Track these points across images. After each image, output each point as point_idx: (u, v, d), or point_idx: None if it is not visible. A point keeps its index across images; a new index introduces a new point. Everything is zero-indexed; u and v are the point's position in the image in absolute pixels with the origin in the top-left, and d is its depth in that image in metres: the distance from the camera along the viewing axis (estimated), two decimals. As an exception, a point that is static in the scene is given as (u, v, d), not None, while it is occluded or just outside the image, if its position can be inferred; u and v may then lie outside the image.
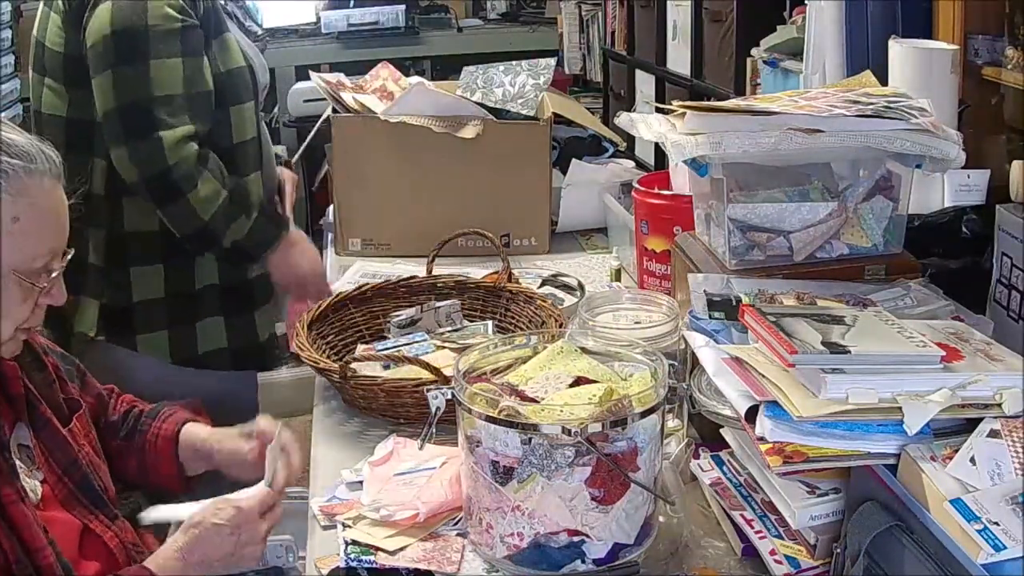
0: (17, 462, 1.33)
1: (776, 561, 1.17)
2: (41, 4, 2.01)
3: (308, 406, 1.74)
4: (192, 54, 1.90)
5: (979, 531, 0.95)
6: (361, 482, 1.42)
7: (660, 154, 2.89)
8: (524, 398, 1.22)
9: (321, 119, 2.43)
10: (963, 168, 1.46)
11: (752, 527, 1.22)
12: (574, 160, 2.47)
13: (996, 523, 0.96)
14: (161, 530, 1.74)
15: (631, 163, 2.73)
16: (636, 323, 1.57)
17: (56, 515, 1.37)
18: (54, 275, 1.33)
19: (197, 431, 1.62)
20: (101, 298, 1.99)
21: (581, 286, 2.06)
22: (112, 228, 1.98)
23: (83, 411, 1.51)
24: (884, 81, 1.63)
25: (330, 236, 2.50)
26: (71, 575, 1.32)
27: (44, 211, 1.30)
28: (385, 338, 1.85)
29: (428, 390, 1.30)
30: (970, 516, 0.97)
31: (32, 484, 1.36)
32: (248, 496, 1.43)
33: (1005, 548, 0.94)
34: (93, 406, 1.59)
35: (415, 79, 2.63)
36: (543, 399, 1.21)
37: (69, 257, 1.36)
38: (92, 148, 1.94)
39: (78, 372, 1.58)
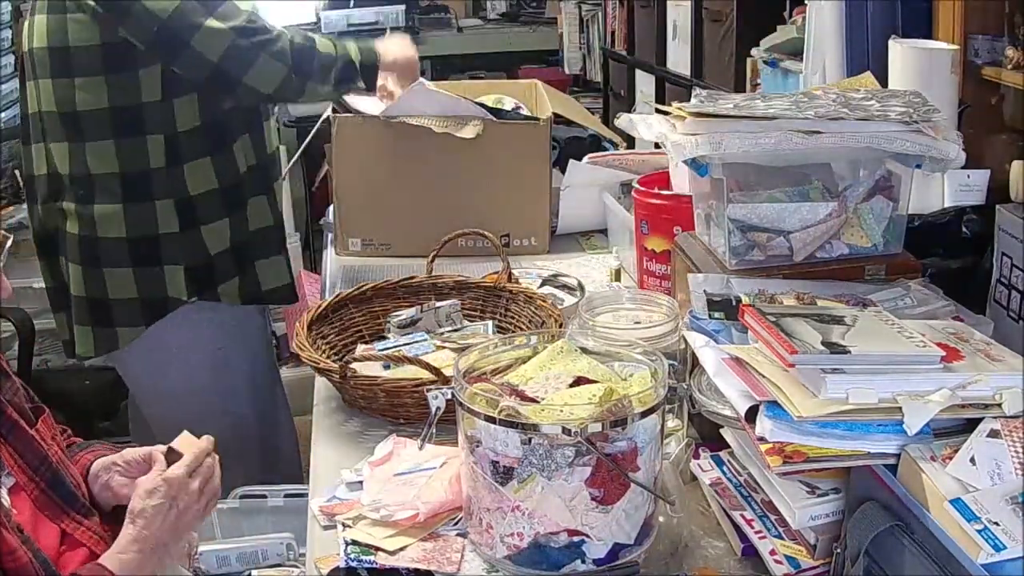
0: None
1: (776, 561, 1.17)
2: (39, 14, 2.03)
3: (308, 406, 1.74)
4: None
5: (979, 531, 0.95)
6: (361, 482, 1.42)
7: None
8: (524, 398, 1.22)
9: (321, 119, 2.42)
10: (963, 168, 1.46)
11: (752, 527, 1.22)
12: (571, 160, 2.46)
13: (996, 523, 0.96)
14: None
15: (631, 163, 2.73)
16: (636, 323, 1.57)
17: (30, 518, 1.38)
18: None
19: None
20: (182, 262, 2.10)
21: (581, 286, 2.05)
22: (179, 195, 2.08)
23: (47, 415, 1.53)
24: (884, 81, 1.63)
25: (330, 236, 2.49)
26: (50, 569, 1.32)
27: None
28: (385, 338, 1.85)
29: (428, 390, 1.30)
30: (970, 516, 0.97)
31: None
32: (174, 465, 1.46)
33: (1005, 548, 0.94)
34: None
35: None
36: (543, 399, 1.21)
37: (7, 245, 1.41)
38: (144, 127, 2.03)
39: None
